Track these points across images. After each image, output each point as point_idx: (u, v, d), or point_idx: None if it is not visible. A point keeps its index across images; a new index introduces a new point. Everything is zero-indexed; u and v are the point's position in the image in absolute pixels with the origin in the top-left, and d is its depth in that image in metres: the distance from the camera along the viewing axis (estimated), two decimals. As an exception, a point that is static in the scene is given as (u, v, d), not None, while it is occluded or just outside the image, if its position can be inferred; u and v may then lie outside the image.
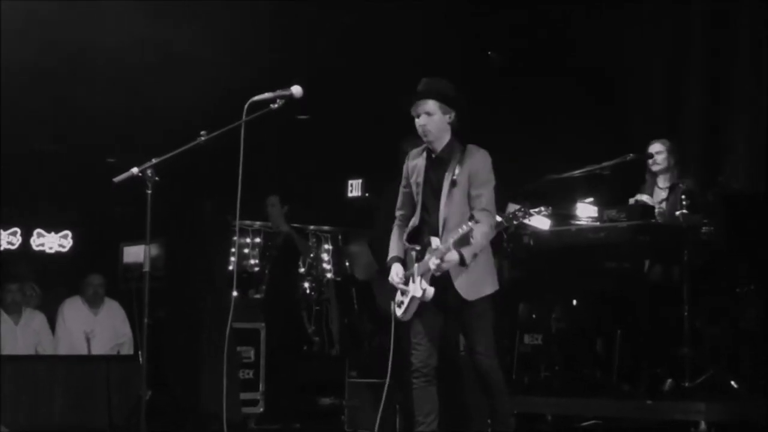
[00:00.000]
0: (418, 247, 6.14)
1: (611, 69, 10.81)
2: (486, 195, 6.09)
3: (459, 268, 5.99)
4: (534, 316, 9.16)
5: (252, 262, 13.36)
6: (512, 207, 8.18)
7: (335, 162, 12.81)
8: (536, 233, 8.44)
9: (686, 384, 7.62)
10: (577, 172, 8.63)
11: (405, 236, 6.27)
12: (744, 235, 8.35)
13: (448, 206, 6.07)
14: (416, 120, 6.16)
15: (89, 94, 10.37)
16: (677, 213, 7.94)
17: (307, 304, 12.49)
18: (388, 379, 6.25)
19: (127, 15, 9.76)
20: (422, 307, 6.10)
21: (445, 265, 5.94)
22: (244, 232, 13.48)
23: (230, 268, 10.23)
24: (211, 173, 9.18)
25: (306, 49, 10.63)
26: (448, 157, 6.15)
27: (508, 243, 8.60)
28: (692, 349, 7.74)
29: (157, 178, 5.84)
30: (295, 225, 10.91)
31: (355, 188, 13.80)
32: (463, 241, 5.87)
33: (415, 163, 6.27)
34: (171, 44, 9.87)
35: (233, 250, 10.93)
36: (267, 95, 5.89)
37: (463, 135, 6.26)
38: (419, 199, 6.20)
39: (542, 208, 8.29)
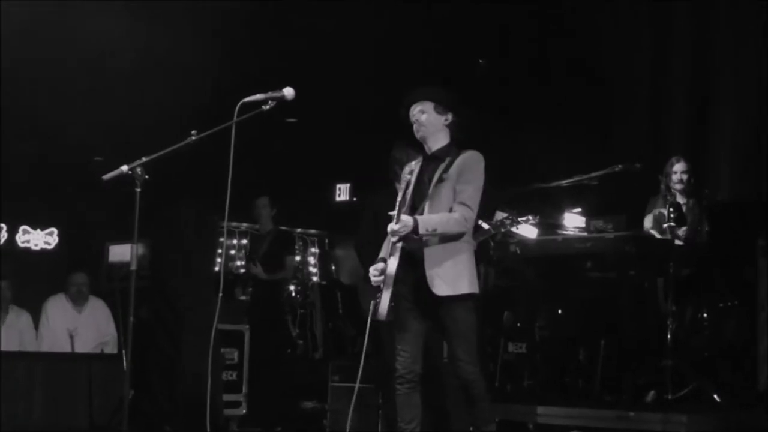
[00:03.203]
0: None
1: (596, 80, 10.85)
2: (469, 191, 6.00)
3: (432, 262, 5.92)
4: (518, 324, 9.17)
5: (238, 263, 13.36)
6: (500, 215, 8.20)
7: (323, 166, 12.81)
8: (523, 242, 8.47)
9: (669, 396, 7.65)
10: (564, 182, 8.65)
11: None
12: (727, 247, 8.40)
13: (433, 200, 6.01)
14: (413, 121, 6.16)
15: (78, 92, 10.36)
16: (664, 225, 7.99)
17: (291, 308, 12.49)
18: (357, 383, 6.23)
19: (116, 14, 9.77)
20: (406, 312, 6.06)
21: (400, 228, 5.86)
22: (230, 234, 13.48)
23: (216, 269, 10.19)
24: (199, 174, 9.18)
25: (296, 53, 10.64)
26: (442, 155, 6.12)
27: (495, 251, 8.61)
28: (675, 361, 7.76)
29: (146, 177, 5.82)
30: (282, 228, 10.89)
31: (342, 192, 13.82)
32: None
33: (411, 169, 6.24)
34: (163, 44, 9.87)
35: (219, 251, 10.93)
36: (259, 96, 5.87)
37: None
38: (408, 198, 6.11)
39: (530, 217, 8.31)
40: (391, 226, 5.89)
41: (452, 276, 5.96)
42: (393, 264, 5.90)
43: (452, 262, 5.97)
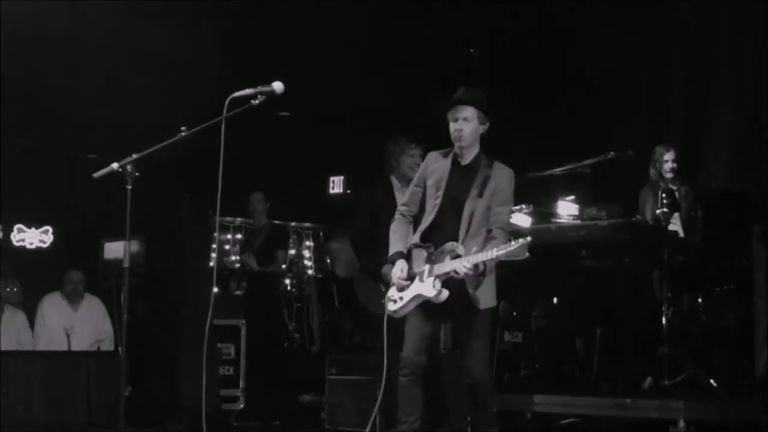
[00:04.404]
0: (432, 249, 6.10)
1: (593, 68, 10.84)
2: (506, 214, 6.17)
3: (472, 281, 6.02)
4: (514, 314, 9.17)
5: (232, 258, 13.35)
6: None
7: (317, 158, 12.80)
8: (517, 231, 8.45)
9: (665, 382, 7.66)
10: (558, 170, 8.64)
11: (418, 236, 6.21)
12: (722, 234, 8.40)
13: (470, 217, 6.07)
14: (452, 124, 6.14)
15: (71, 90, 10.35)
16: (657, 212, 7.99)
17: (288, 301, 12.48)
18: (384, 378, 6.26)
19: (109, 11, 9.75)
20: (418, 305, 6.10)
21: (471, 273, 5.93)
22: (224, 229, 13.47)
23: (211, 264, 10.19)
24: (192, 169, 9.17)
25: (288, 46, 10.63)
26: (476, 167, 6.16)
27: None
28: (671, 348, 7.77)
29: (137, 174, 5.82)
30: (277, 222, 10.89)
31: (336, 185, 13.81)
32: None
33: (437, 166, 6.23)
34: (152, 40, 9.86)
35: (214, 246, 10.91)
36: (248, 91, 5.87)
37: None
38: (437, 204, 6.16)
39: (523, 206, 8.32)
40: (467, 267, 5.88)
41: (488, 291, 6.13)
42: (446, 293, 5.99)
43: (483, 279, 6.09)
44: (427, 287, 6.03)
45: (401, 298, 6.14)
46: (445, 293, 5.99)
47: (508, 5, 10.61)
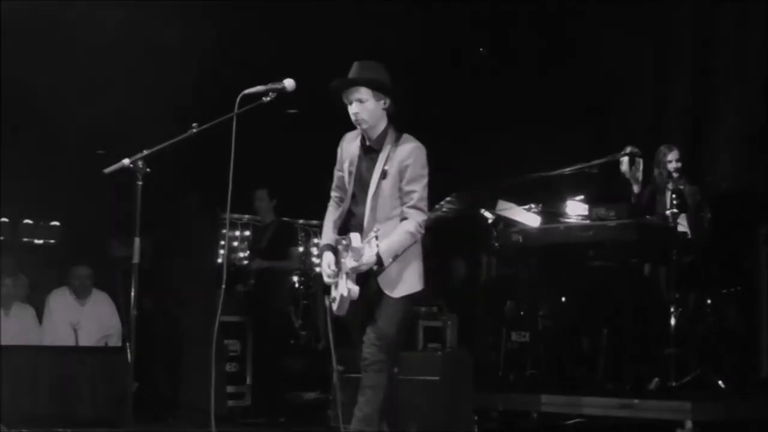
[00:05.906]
0: (344, 241, 5.86)
1: (599, 69, 10.85)
2: (418, 191, 5.84)
3: (384, 273, 5.80)
4: (521, 313, 9.19)
5: (240, 255, 13.35)
6: (505, 204, 8.22)
7: (324, 155, 12.78)
8: (525, 230, 8.45)
9: (672, 383, 7.66)
10: (566, 170, 8.64)
11: (338, 226, 6.04)
12: (730, 235, 8.41)
13: (375, 199, 5.86)
14: (348, 108, 5.99)
15: (79, 85, 10.35)
16: (667, 212, 8.00)
17: (294, 298, 12.48)
18: (335, 374, 6.23)
19: (116, 6, 9.77)
20: (355, 303, 5.89)
21: (363, 267, 5.71)
22: (232, 226, 13.48)
23: (219, 261, 10.19)
24: (202, 166, 9.18)
25: (298, 43, 10.64)
26: (380, 146, 5.93)
27: (497, 240, 8.61)
28: (678, 349, 7.77)
29: (148, 170, 5.82)
30: (284, 219, 10.88)
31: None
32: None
33: (350, 149, 6.07)
34: (162, 36, 9.87)
35: (222, 243, 10.90)
36: (259, 88, 5.88)
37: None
38: (350, 189, 6.00)
39: (532, 206, 8.32)
40: (352, 264, 5.71)
41: (402, 277, 5.85)
42: (356, 290, 5.76)
43: (402, 265, 5.85)
44: (343, 287, 5.82)
45: (335, 298, 5.93)
46: (355, 290, 5.75)
47: (510, 5, 10.62)
